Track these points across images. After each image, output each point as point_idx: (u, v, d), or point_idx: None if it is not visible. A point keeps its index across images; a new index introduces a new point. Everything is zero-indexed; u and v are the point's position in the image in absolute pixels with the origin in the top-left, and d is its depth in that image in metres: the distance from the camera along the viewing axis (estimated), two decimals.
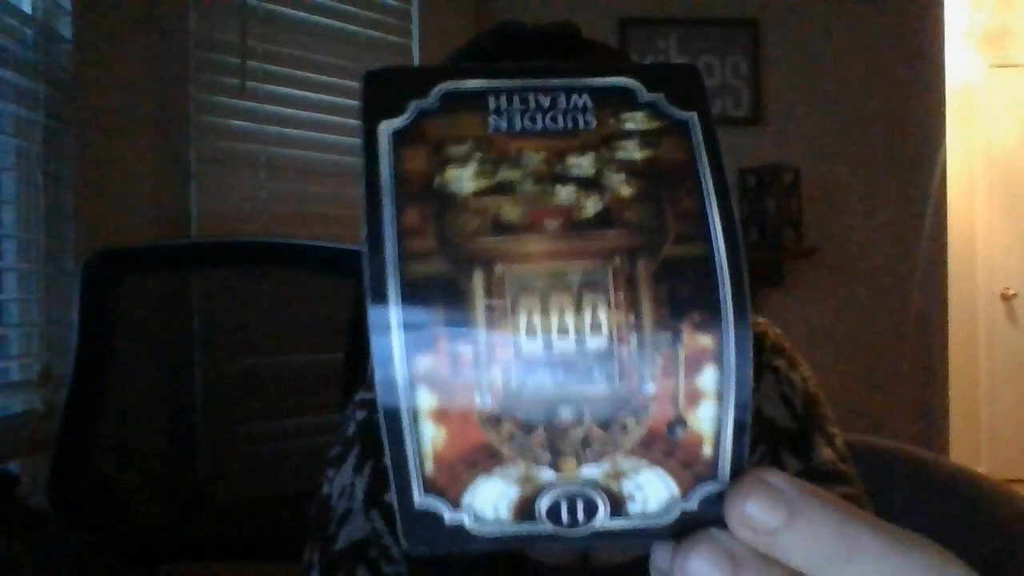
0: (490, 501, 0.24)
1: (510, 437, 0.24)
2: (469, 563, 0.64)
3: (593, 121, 0.26)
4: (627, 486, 0.24)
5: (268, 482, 1.56)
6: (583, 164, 0.25)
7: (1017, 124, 4.20)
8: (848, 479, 0.64)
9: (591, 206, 0.25)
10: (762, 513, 0.23)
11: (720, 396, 0.24)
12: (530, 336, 0.23)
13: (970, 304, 4.11)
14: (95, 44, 1.56)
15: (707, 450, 0.24)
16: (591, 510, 0.24)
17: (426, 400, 0.23)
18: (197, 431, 1.57)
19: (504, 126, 0.26)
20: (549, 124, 0.26)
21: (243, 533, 1.50)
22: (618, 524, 0.24)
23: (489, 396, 0.23)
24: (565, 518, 0.24)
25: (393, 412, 0.23)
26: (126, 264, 1.49)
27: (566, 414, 0.24)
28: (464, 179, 0.25)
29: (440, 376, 0.23)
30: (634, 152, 0.26)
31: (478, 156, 0.25)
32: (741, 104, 2.79)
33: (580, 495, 0.24)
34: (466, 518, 0.24)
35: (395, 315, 0.23)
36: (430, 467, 0.24)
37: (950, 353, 2.98)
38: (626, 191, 0.25)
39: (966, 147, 4.05)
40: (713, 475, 0.24)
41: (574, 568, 0.64)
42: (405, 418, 0.23)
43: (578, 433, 0.24)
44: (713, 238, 0.24)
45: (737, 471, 0.24)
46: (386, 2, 2.19)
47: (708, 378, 0.24)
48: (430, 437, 0.23)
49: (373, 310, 0.23)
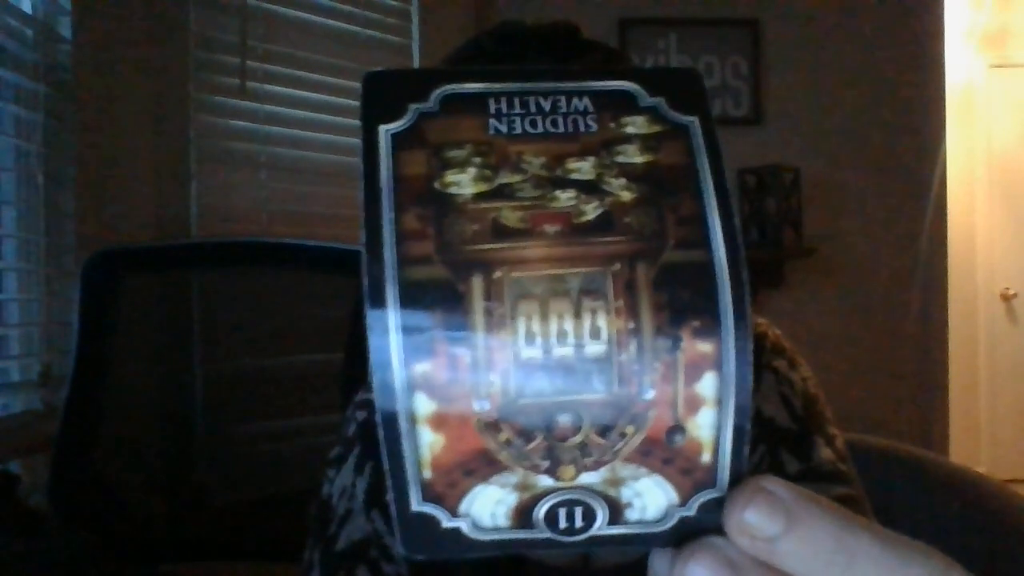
0: (488, 508, 0.24)
1: (508, 443, 0.23)
2: (469, 562, 0.64)
3: (594, 125, 0.26)
4: (626, 493, 0.24)
5: (268, 482, 1.55)
6: (583, 168, 0.25)
7: (1017, 124, 4.19)
8: (848, 479, 0.64)
9: (591, 211, 0.24)
10: (761, 520, 0.23)
11: (719, 403, 0.24)
12: (529, 342, 0.23)
13: (970, 304, 4.11)
14: (95, 44, 1.56)
15: (706, 457, 0.24)
16: (590, 517, 0.24)
17: (424, 406, 0.23)
18: (197, 431, 1.57)
19: (504, 129, 0.26)
20: (549, 128, 0.26)
21: (243, 533, 1.50)
22: (617, 531, 0.24)
23: (487, 402, 0.23)
24: (563, 525, 0.24)
25: (391, 417, 0.23)
26: (126, 264, 1.49)
27: (565, 420, 0.23)
28: (463, 183, 0.25)
29: (438, 381, 0.23)
30: (635, 156, 0.25)
31: (478, 160, 0.25)
32: (741, 104, 2.78)
33: (579, 502, 0.24)
34: (464, 524, 0.24)
35: (393, 319, 0.23)
36: (428, 473, 0.23)
37: (950, 353, 2.98)
38: (626, 196, 0.25)
39: (966, 147, 4.05)
40: (712, 482, 0.24)
41: (575, 568, 0.64)
42: (403, 423, 0.23)
43: (577, 440, 0.24)
44: (713, 244, 0.24)
45: (736, 478, 0.24)
46: (386, 2, 2.19)
47: (707, 385, 0.24)
48: (428, 443, 0.23)
49: (371, 314, 0.23)
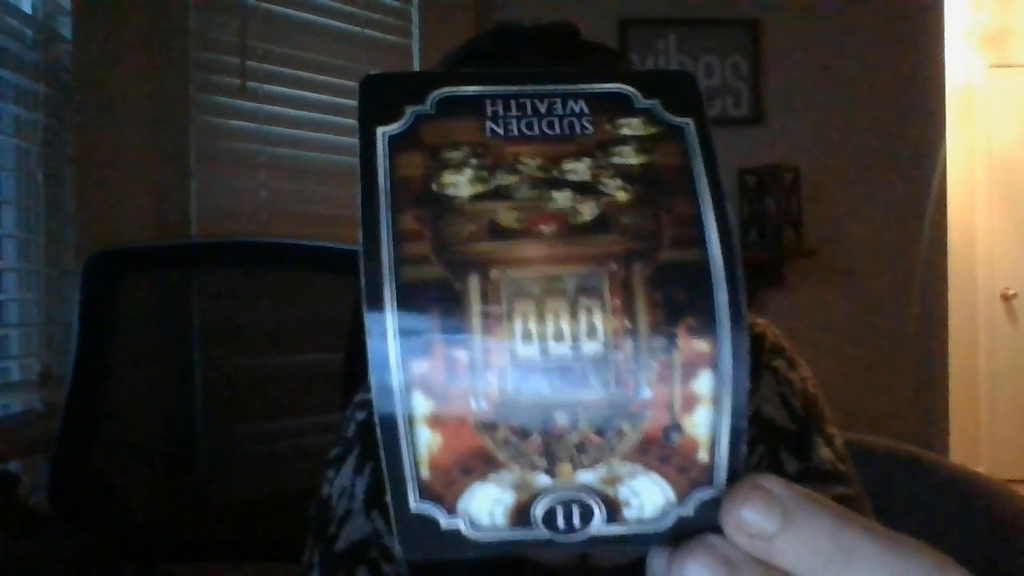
0: (486, 507, 0.24)
1: (506, 442, 0.24)
2: (467, 563, 0.64)
3: (589, 127, 0.26)
4: (623, 492, 0.24)
5: (268, 482, 1.56)
6: (579, 169, 0.25)
7: (1017, 124, 4.19)
8: (847, 479, 0.64)
9: (587, 211, 0.25)
10: (758, 518, 0.23)
11: (716, 401, 0.24)
12: (526, 341, 0.23)
13: (970, 304, 4.11)
14: (95, 44, 1.56)
15: (703, 455, 0.24)
16: (587, 516, 0.24)
17: (422, 405, 0.23)
18: (197, 431, 1.57)
19: (500, 131, 0.26)
20: (545, 129, 0.26)
21: (243, 533, 1.50)
22: (614, 530, 0.24)
23: (485, 401, 0.23)
24: (561, 524, 0.24)
25: (389, 417, 0.23)
26: (126, 264, 1.49)
27: (562, 419, 0.24)
28: (460, 184, 0.25)
29: (436, 381, 0.23)
30: (630, 158, 0.26)
31: (474, 161, 0.25)
32: (741, 104, 2.78)
33: (576, 501, 0.24)
34: (462, 524, 0.24)
35: (391, 320, 0.23)
36: (426, 472, 0.23)
37: (950, 353, 2.98)
38: (622, 196, 0.25)
39: (966, 147, 4.05)
40: (709, 480, 0.24)
41: (574, 568, 0.64)
42: (401, 423, 0.23)
43: (574, 438, 0.24)
44: (709, 244, 0.24)
45: (733, 476, 0.24)
46: (386, 2, 2.19)
47: (704, 383, 0.24)
48: (426, 442, 0.23)
49: (369, 315, 0.23)
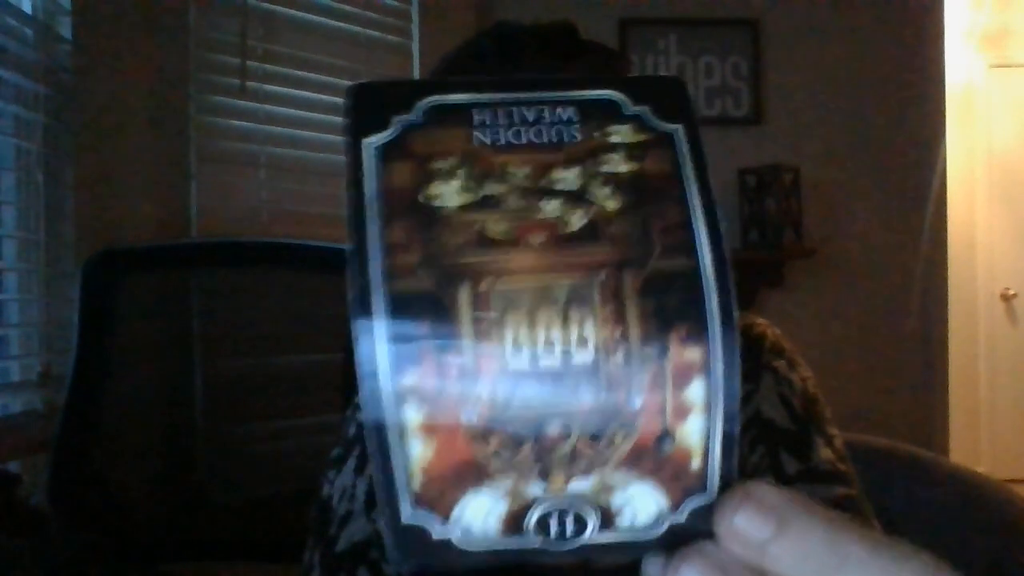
0: (479, 516, 0.24)
1: (498, 452, 0.24)
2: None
3: (578, 134, 0.26)
4: (616, 500, 0.24)
5: (268, 482, 1.55)
6: (568, 178, 0.25)
7: (1017, 124, 4.19)
8: (847, 480, 0.64)
9: (576, 220, 0.25)
10: (751, 525, 0.24)
11: (708, 409, 0.24)
12: (517, 351, 0.23)
13: (970, 304, 4.11)
14: (95, 44, 1.56)
15: (696, 463, 0.24)
16: (580, 524, 0.24)
17: (413, 415, 0.23)
18: (197, 431, 1.57)
19: (488, 140, 0.26)
20: (534, 138, 0.26)
21: (243, 533, 1.50)
22: (608, 538, 0.24)
23: (477, 411, 0.23)
24: (554, 532, 0.24)
25: (380, 427, 0.23)
26: (126, 264, 1.49)
27: (554, 428, 0.23)
28: (448, 195, 0.25)
29: (427, 391, 0.23)
30: (619, 165, 0.26)
31: (463, 171, 0.25)
32: (741, 104, 2.78)
33: (569, 509, 0.24)
34: (455, 533, 0.24)
35: (381, 331, 0.23)
36: (418, 482, 0.23)
37: (950, 353, 2.98)
38: (612, 205, 0.25)
39: (966, 147, 4.05)
40: (702, 488, 0.24)
41: (574, 569, 0.64)
42: (392, 434, 0.23)
43: (566, 447, 0.24)
44: (699, 251, 0.24)
45: (726, 483, 0.25)
46: (386, 2, 2.19)
47: (696, 391, 0.24)
48: (418, 452, 0.23)
49: (359, 326, 0.23)
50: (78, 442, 1.38)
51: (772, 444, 0.64)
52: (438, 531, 0.24)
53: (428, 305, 0.23)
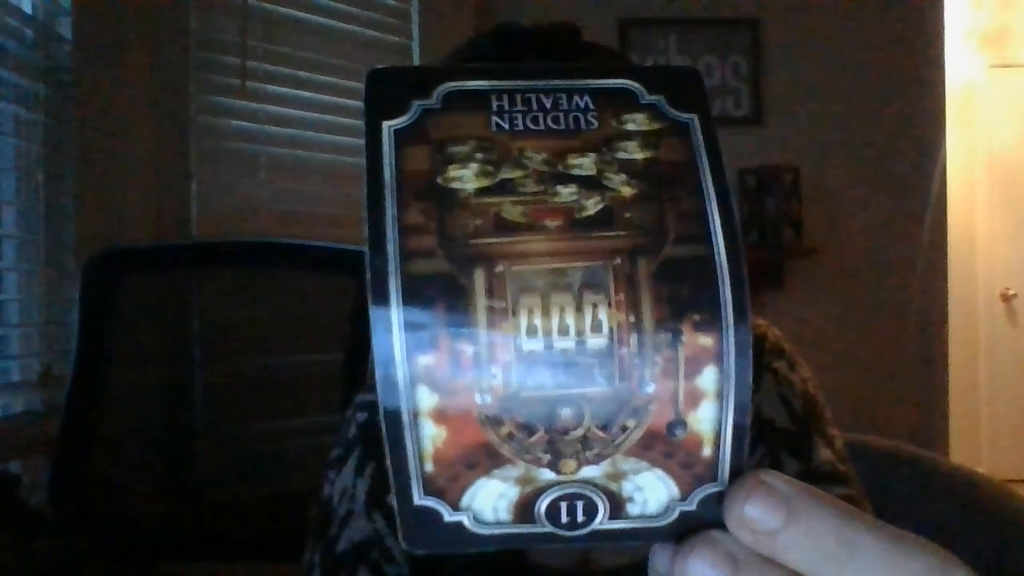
0: (489, 502, 0.24)
1: (510, 437, 0.24)
2: (470, 563, 0.64)
3: (595, 122, 0.26)
4: (627, 487, 0.24)
5: (268, 482, 1.55)
6: (584, 164, 0.25)
7: (1017, 124, 4.19)
8: (847, 480, 0.64)
9: (592, 206, 0.25)
10: (762, 514, 0.24)
11: (720, 397, 0.24)
12: (531, 336, 0.23)
13: (970, 304, 4.11)
14: (95, 44, 1.56)
15: (707, 451, 0.24)
16: (591, 511, 0.24)
17: (426, 399, 0.23)
18: (197, 431, 1.57)
19: (506, 126, 0.26)
20: (551, 124, 0.26)
21: (243, 533, 1.50)
22: (617, 525, 0.24)
23: (489, 396, 0.23)
24: (564, 519, 0.24)
25: (394, 411, 0.23)
26: (126, 264, 1.49)
27: (566, 414, 0.24)
28: (466, 178, 0.25)
29: (440, 375, 0.23)
30: (635, 153, 0.26)
31: (480, 156, 0.25)
32: (741, 104, 2.79)
33: (580, 496, 0.24)
34: (465, 518, 0.24)
35: (396, 314, 0.23)
36: (430, 467, 0.23)
37: (950, 353, 2.98)
38: (627, 191, 0.25)
39: (966, 147, 4.05)
40: (713, 476, 0.24)
41: (575, 571, 0.64)
42: (405, 417, 0.23)
43: (578, 433, 0.24)
44: (713, 239, 0.24)
45: (737, 472, 0.24)
46: (386, 2, 2.19)
47: (708, 378, 0.24)
48: (430, 437, 0.23)
49: (374, 308, 0.23)
50: (78, 442, 1.38)
51: (772, 444, 0.64)
52: (449, 516, 0.24)
53: (443, 288, 0.23)
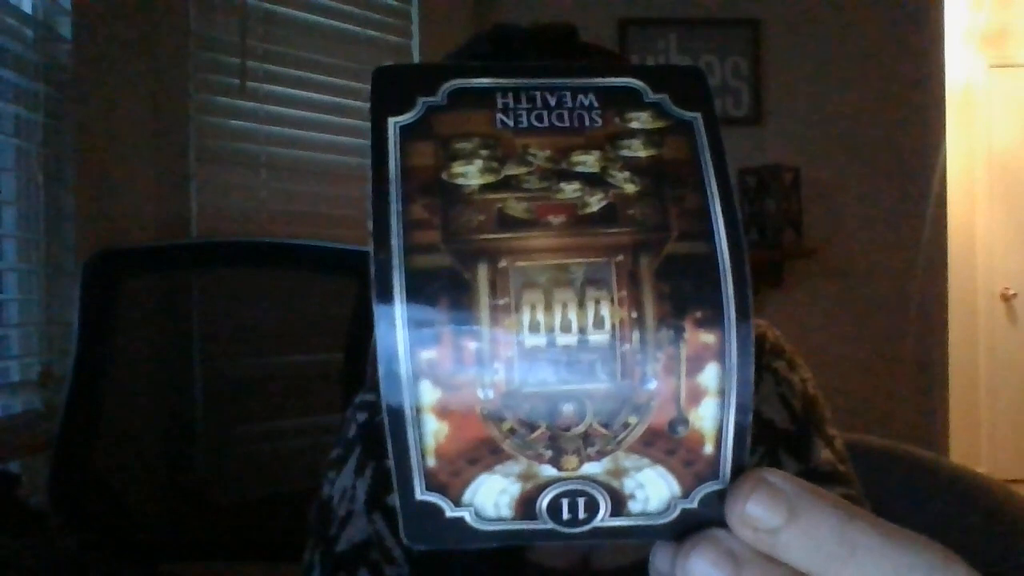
0: (491, 497, 0.24)
1: (512, 433, 0.24)
2: (470, 564, 0.64)
3: (599, 120, 0.26)
4: (628, 484, 0.24)
5: (268, 482, 1.56)
6: (588, 161, 0.26)
7: (1017, 124, 4.19)
8: (847, 480, 0.64)
9: (595, 203, 0.25)
10: (763, 512, 0.24)
11: (722, 394, 0.24)
12: (533, 332, 0.23)
13: (970, 304, 4.11)
14: (95, 44, 1.56)
15: (708, 449, 0.24)
16: (592, 508, 0.24)
17: (429, 394, 0.23)
18: (197, 431, 1.57)
19: (511, 123, 0.26)
20: (555, 122, 0.26)
21: (243, 533, 1.50)
22: (619, 522, 0.24)
23: (492, 391, 0.23)
24: (566, 516, 0.24)
25: (396, 406, 0.23)
26: (126, 264, 1.49)
27: (568, 411, 0.24)
28: (470, 174, 0.25)
29: (443, 370, 0.23)
30: (639, 151, 0.26)
31: (485, 152, 0.25)
32: (741, 104, 2.79)
33: (581, 493, 0.24)
34: (467, 514, 0.24)
35: (399, 308, 0.23)
36: (432, 462, 0.24)
37: (950, 353, 2.98)
38: (630, 188, 0.25)
39: (966, 147, 4.05)
40: (714, 474, 0.24)
41: (575, 571, 0.64)
42: (408, 413, 0.23)
43: (580, 430, 0.24)
44: (716, 236, 0.25)
45: (738, 470, 0.25)
46: (386, 2, 2.19)
47: (710, 376, 0.24)
48: (432, 432, 0.23)
49: (378, 304, 0.23)
50: (78, 442, 1.38)
51: (772, 445, 0.64)
52: (450, 511, 0.24)
53: (446, 283, 0.23)
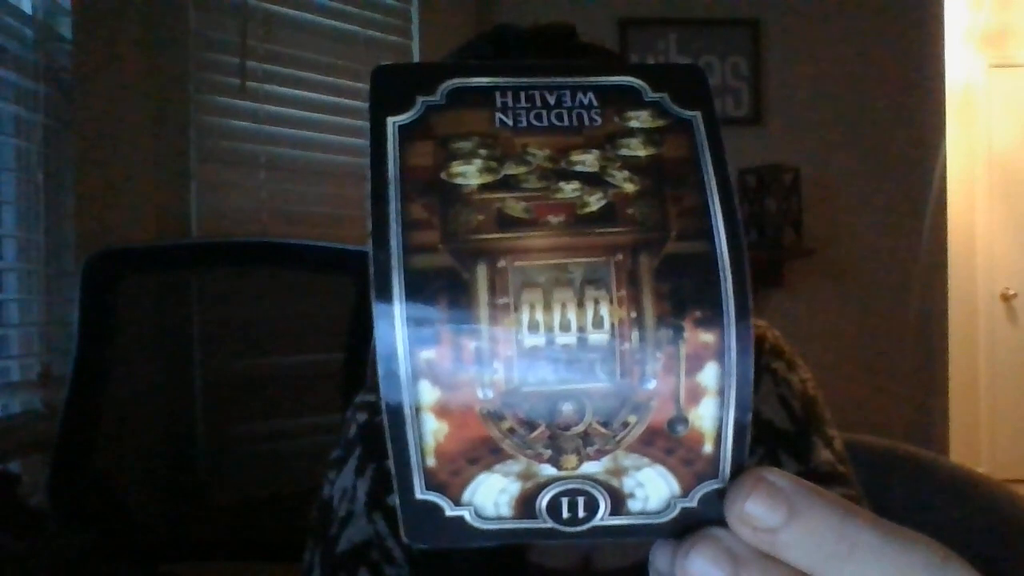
0: (491, 496, 0.24)
1: (511, 432, 0.24)
2: (470, 564, 0.64)
3: (598, 119, 0.26)
4: (628, 483, 0.24)
5: (268, 482, 1.55)
6: (587, 160, 0.25)
7: (1017, 124, 4.19)
8: (846, 481, 0.64)
9: (595, 202, 0.25)
10: (763, 511, 0.24)
11: (721, 393, 0.24)
12: (532, 331, 0.23)
13: (970, 304, 4.11)
14: (95, 44, 1.56)
15: (708, 448, 0.24)
16: (592, 507, 0.24)
17: (428, 394, 0.23)
18: (197, 431, 1.57)
19: (510, 122, 0.26)
20: (554, 121, 0.26)
21: (243, 533, 1.50)
22: (618, 521, 0.24)
23: (491, 391, 0.23)
24: (566, 515, 0.24)
25: (396, 406, 0.23)
26: (126, 264, 1.49)
27: (567, 410, 0.24)
28: (469, 174, 0.25)
29: (442, 369, 0.23)
30: (638, 149, 0.26)
31: (484, 151, 0.25)
32: (741, 104, 2.79)
33: (581, 492, 0.24)
34: (467, 513, 0.24)
35: (399, 308, 0.23)
36: (431, 461, 0.24)
37: (950, 353, 2.98)
38: (630, 188, 0.25)
39: (966, 147, 4.05)
40: (714, 473, 0.24)
41: (575, 571, 0.64)
42: (407, 412, 0.23)
43: (579, 429, 0.24)
44: (715, 236, 0.25)
45: (738, 469, 0.25)
46: (386, 2, 2.19)
47: (709, 375, 0.24)
48: (432, 431, 0.23)
49: (377, 303, 0.23)
50: (78, 442, 1.38)
51: (771, 445, 0.64)
52: (450, 510, 0.24)
53: (446, 283, 0.23)
